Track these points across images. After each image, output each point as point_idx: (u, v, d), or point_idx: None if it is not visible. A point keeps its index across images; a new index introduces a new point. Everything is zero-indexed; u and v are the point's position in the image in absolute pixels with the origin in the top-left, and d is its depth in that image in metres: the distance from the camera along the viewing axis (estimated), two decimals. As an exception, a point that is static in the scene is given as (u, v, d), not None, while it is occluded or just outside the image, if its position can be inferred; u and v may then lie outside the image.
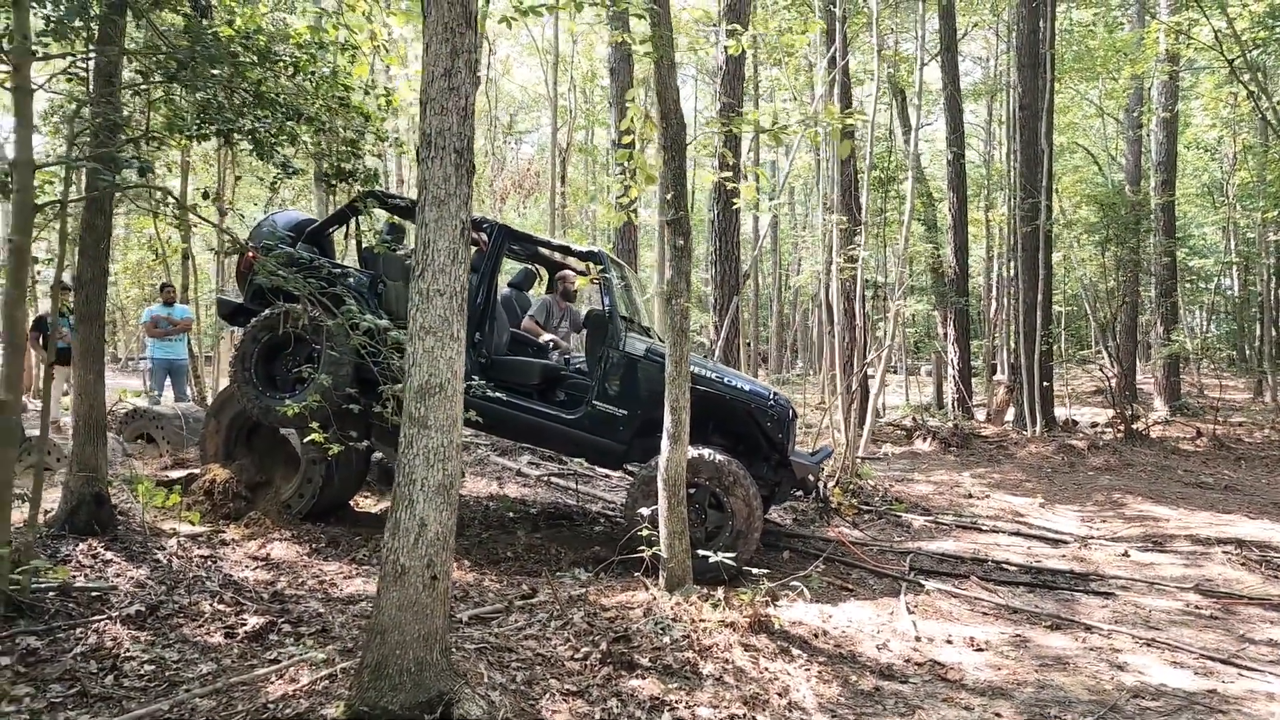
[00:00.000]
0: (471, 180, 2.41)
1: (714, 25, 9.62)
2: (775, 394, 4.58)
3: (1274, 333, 16.75)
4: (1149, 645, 3.52)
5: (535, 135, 25.33)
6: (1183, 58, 13.46)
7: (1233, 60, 9.66)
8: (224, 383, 11.29)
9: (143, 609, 3.07)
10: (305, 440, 4.14)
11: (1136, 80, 14.42)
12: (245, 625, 3.00)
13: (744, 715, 2.58)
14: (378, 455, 5.69)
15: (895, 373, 19.13)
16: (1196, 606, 4.14)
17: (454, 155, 2.36)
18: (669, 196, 3.59)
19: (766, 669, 2.94)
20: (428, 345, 2.33)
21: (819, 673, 2.97)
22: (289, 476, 4.90)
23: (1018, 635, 3.63)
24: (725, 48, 5.31)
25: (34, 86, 3.24)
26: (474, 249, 4.75)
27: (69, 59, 3.56)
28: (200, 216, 3.91)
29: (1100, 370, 13.11)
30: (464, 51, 2.38)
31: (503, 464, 7.01)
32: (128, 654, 2.72)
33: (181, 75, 3.30)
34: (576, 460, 6.49)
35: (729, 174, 4.85)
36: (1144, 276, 14.93)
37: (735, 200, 5.88)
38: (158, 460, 5.96)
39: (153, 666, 2.66)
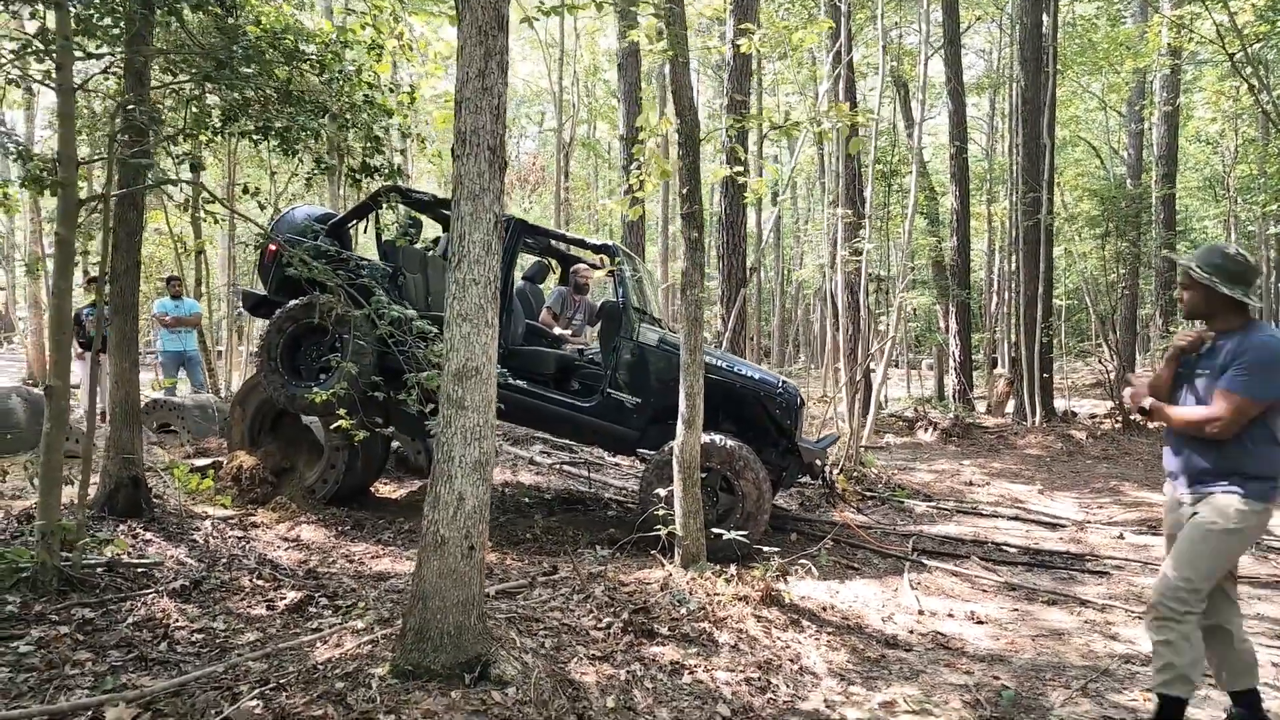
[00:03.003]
0: (504, 175, 2.56)
1: (722, 21, 9.74)
2: (783, 382, 4.74)
3: (1272, 325, 16.88)
4: (1141, 619, 3.68)
5: (537, 129, 25.42)
6: (1185, 51, 13.54)
7: (1233, 54, 9.75)
8: (237, 375, 11.47)
9: (187, 584, 3.24)
10: (330, 427, 4.30)
11: (1139, 74, 14.50)
12: (284, 599, 3.17)
13: (759, 678, 2.75)
14: (396, 444, 5.85)
15: (897, 366, 19.27)
16: (1189, 585, 4.30)
17: (488, 152, 2.50)
18: (684, 191, 3.73)
19: (778, 638, 3.11)
20: (464, 331, 2.48)
21: (828, 642, 3.14)
22: (312, 463, 5.07)
23: (1016, 610, 3.79)
24: (735, 45, 5.43)
25: (75, 85, 3.39)
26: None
27: (108, 59, 3.70)
28: (237, 213, 4.06)
29: (1099, 363, 13.24)
30: (496, 53, 2.52)
31: (515, 453, 7.18)
32: (177, 624, 2.89)
33: (218, 74, 3.44)
34: (588, 449, 6.65)
35: (739, 169, 4.99)
36: (1144, 270, 15.04)
37: (745, 195, 6.02)
38: (180, 450, 6.13)
39: (202, 635, 2.83)
